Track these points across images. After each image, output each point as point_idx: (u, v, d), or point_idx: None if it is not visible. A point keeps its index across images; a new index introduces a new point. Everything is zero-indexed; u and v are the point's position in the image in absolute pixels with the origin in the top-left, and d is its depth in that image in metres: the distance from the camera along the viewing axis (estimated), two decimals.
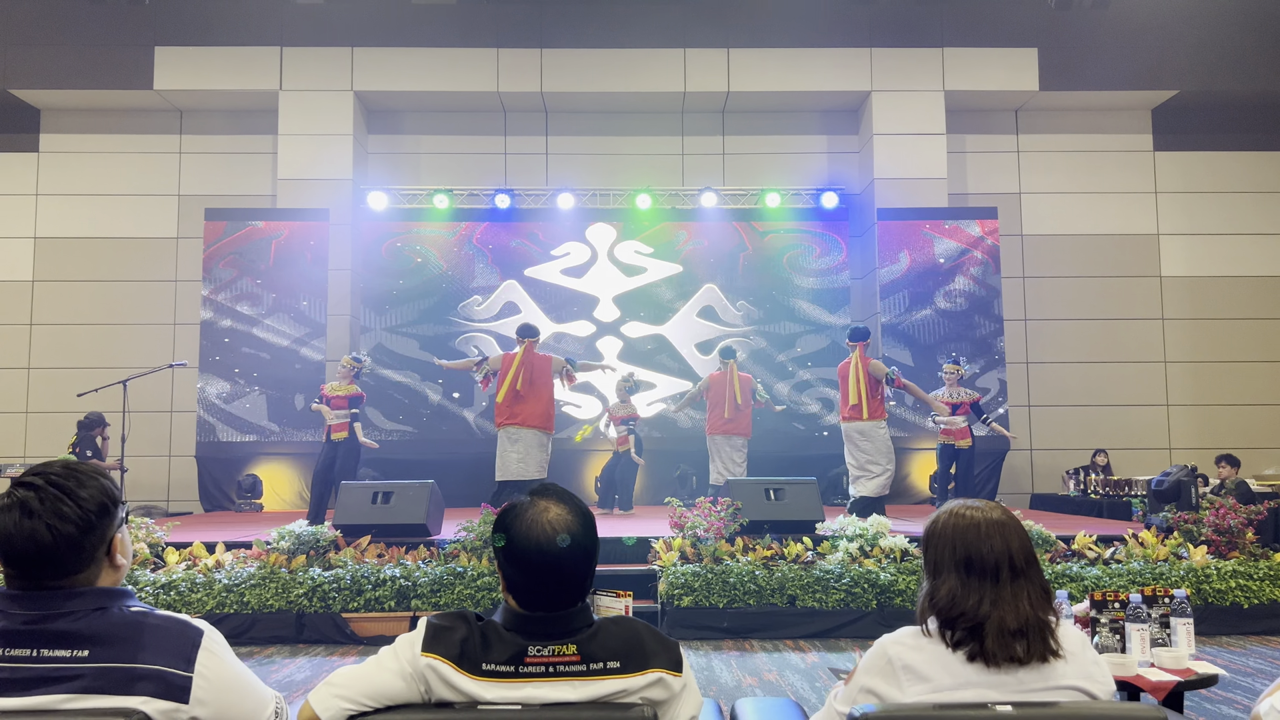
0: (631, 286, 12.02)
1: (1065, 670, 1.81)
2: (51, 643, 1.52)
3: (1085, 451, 11.74)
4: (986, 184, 12.55)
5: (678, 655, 1.71)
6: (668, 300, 12.01)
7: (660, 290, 12.02)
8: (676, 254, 12.02)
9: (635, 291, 12.01)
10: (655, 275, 12.03)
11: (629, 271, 12.03)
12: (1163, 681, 2.80)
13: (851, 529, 6.75)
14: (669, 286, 12.03)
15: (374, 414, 11.45)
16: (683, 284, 12.04)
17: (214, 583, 6.20)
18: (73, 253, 12.19)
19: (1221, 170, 12.63)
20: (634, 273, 12.02)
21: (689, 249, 12.06)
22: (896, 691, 1.80)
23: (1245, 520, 6.61)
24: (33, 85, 11.76)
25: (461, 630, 1.64)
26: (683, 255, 12.05)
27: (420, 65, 11.93)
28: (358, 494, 7.14)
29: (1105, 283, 12.42)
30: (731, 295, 12.04)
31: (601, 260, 12.04)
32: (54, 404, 11.79)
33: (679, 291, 12.03)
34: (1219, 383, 12.34)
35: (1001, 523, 1.88)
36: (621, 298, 12.01)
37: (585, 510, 1.74)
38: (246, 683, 1.65)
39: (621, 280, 12.03)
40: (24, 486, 1.58)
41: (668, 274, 12.02)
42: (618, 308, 12.00)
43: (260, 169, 12.34)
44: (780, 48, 11.98)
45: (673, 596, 6.21)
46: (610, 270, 12.03)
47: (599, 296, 11.99)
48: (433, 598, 6.18)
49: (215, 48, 11.80)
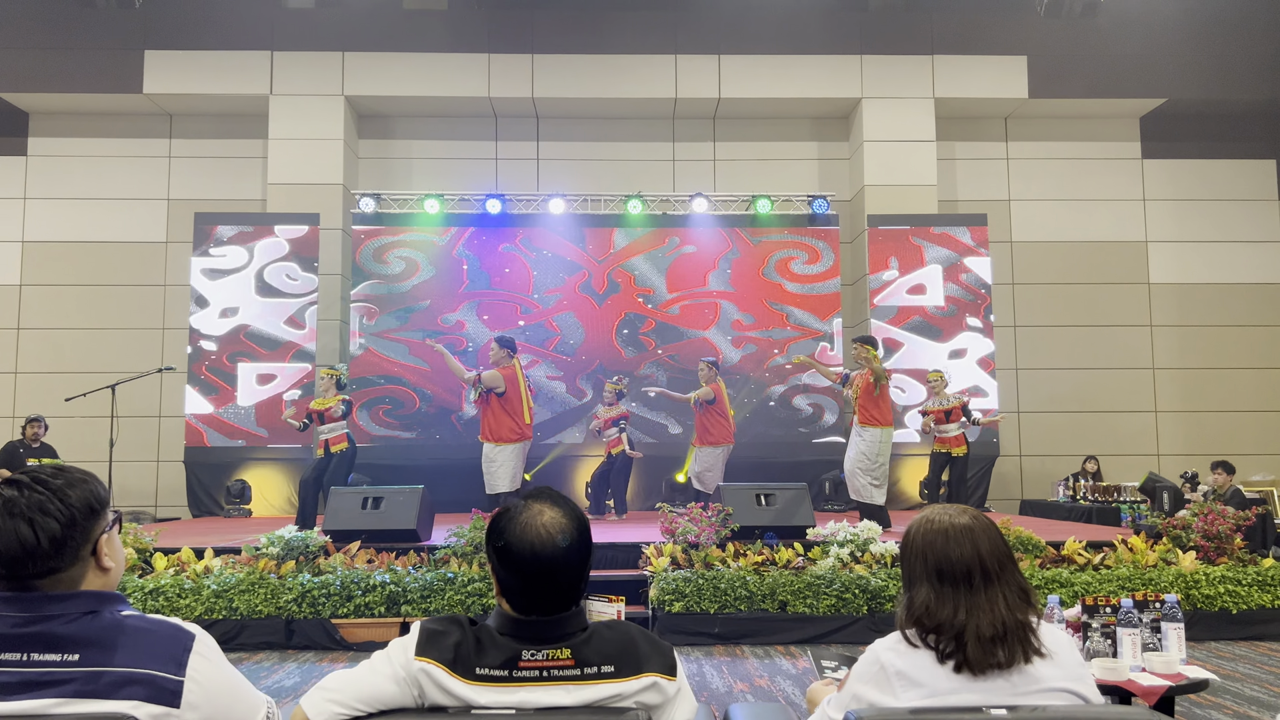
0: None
1: (1055, 672, 1.80)
2: (41, 646, 1.51)
3: (1074, 458, 11.77)
4: (976, 191, 12.61)
5: (672, 659, 1.70)
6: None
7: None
8: (666, 260, 12.02)
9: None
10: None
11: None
12: (1154, 686, 2.81)
13: (842, 534, 6.75)
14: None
15: (364, 419, 11.42)
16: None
17: (203, 588, 6.16)
18: (61, 257, 12.13)
19: (1209, 178, 12.71)
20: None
21: (679, 255, 12.06)
22: (890, 698, 1.79)
23: (1234, 526, 6.64)
24: (21, 89, 11.72)
25: (455, 634, 1.63)
26: (673, 262, 12.05)
27: (411, 70, 11.93)
28: (348, 499, 7.12)
29: (1094, 290, 12.48)
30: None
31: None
32: (42, 409, 11.66)
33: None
34: (1207, 389, 12.41)
35: (969, 528, 1.86)
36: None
37: (580, 514, 1.73)
38: (238, 687, 1.63)
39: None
40: (10, 485, 1.58)
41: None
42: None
43: (250, 173, 12.31)
44: (771, 54, 12.02)
45: (664, 602, 6.20)
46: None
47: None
48: (423, 603, 6.16)
49: (205, 51, 11.78)
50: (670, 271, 11.99)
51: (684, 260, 12.03)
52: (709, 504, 7.09)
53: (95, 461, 9.57)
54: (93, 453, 10.49)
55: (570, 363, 11.80)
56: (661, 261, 12.02)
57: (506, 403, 8.22)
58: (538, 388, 11.29)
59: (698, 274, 11.99)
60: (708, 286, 12.02)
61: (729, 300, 11.98)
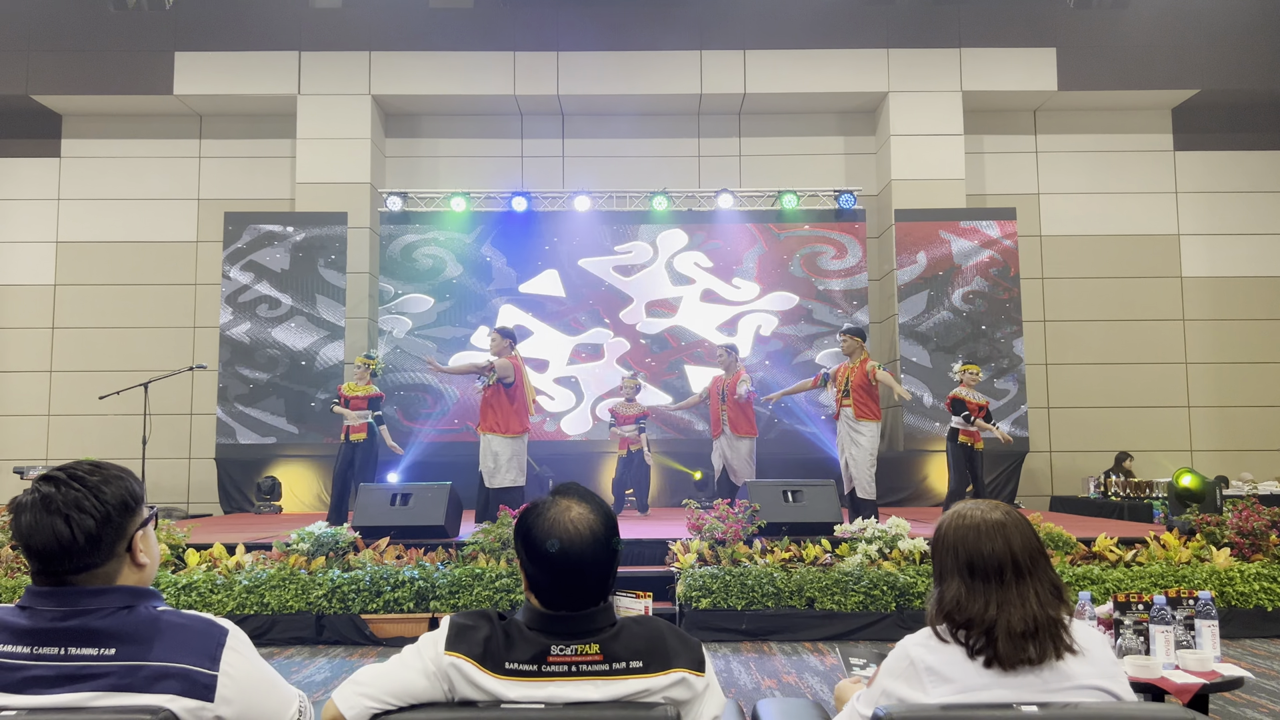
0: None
1: (1087, 669, 1.79)
2: (79, 640, 1.54)
3: (1104, 454, 11.66)
4: (1005, 184, 12.50)
5: (700, 655, 1.70)
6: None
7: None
8: (691, 257, 11.98)
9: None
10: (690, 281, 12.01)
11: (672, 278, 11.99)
12: (1187, 684, 2.78)
13: (870, 531, 6.72)
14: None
15: (393, 415, 11.48)
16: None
17: (234, 584, 6.23)
18: (94, 257, 12.30)
19: (1243, 170, 12.53)
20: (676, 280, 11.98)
21: (705, 251, 12.03)
22: (920, 694, 1.79)
23: (1269, 522, 6.54)
24: (54, 91, 11.89)
25: (485, 629, 1.65)
26: (698, 258, 12.02)
27: (437, 69, 11.99)
28: (377, 495, 7.17)
29: (1125, 284, 12.34)
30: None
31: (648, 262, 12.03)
32: (75, 407, 11.91)
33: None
34: (1241, 384, 12.23)
35: (1001, 523, 1.86)
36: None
37: (607, 509, 1.74)
38: (271, 681, 1.65)
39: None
40: (47, 481, 1.60)
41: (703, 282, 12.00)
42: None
43: (279, 173, 12.42)
44: (797, 49, 11.97)
45: (691, 598, 6.20)
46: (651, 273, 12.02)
47: (633, 297, 11.94)
48: (451, 599, 6.19)
49: (234, 53, 11.90)
50: (696, 267, 11.97)
51: (709, 256, 12.01)
52: (735, 500, 7.07)
53: (128, 458, 9.70)
54: (126, 450, 10.65)
55: (595, 359, 11.80)
56: (687, 258, 12.01)
57: (514, 394, 8.05)
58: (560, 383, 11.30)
59: (723, 270, 11.96)
60: (733, 282, 12.00)
61: (755, 296, 11.95)
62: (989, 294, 11.58)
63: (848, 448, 8.40)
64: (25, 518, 1.58)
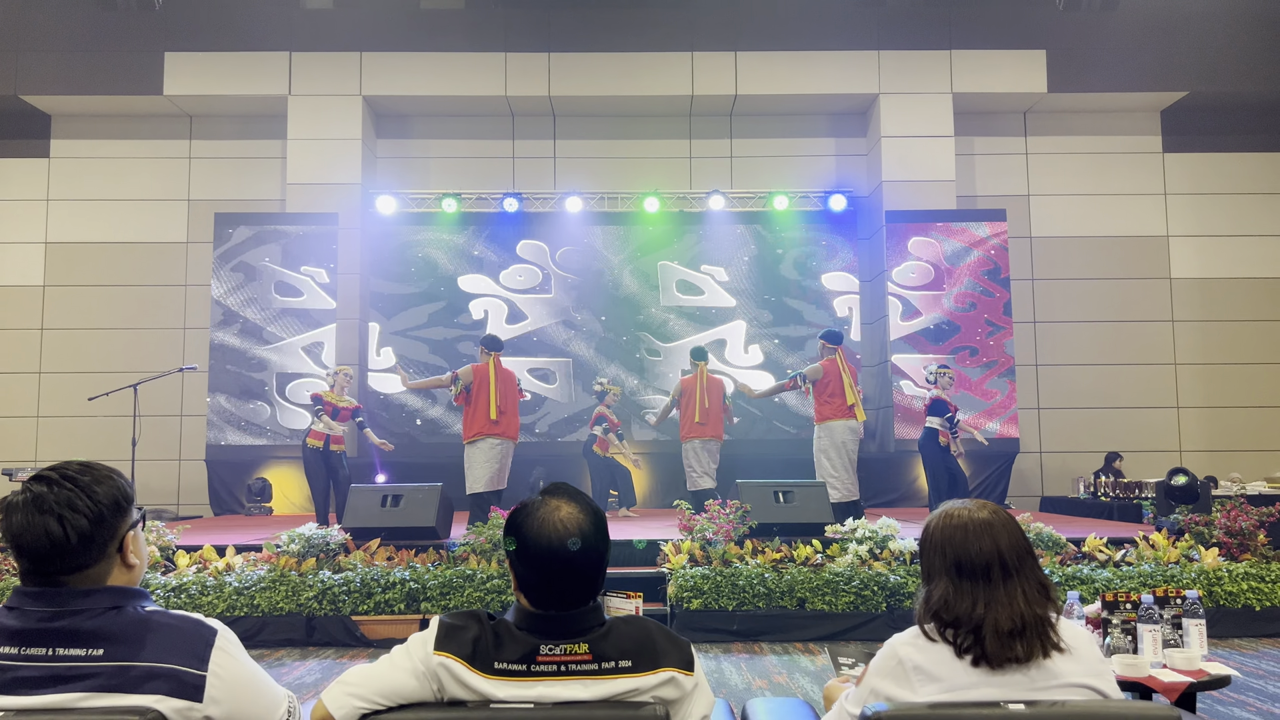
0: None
1: (1075, 668, 1.80)
2: (67, 641, 1.53)
3: (1094, 454, 11.70)
4: (995, 186, 12.53)
5: (689, 654, 1.71)
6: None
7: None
8: (683, 257, 12.00)
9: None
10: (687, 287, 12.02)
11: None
12: (1175, 682, 2.79)
13: (861, 531, 6.74)
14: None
15: (383, 417, 11.46)
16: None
17: (224, 586, 6.22)
18: (83, 258, 12.25)
19: (1232, 171, 12.59)
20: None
21: (696, 252, 12.05)
22: (908, 692, 1.80)
23: (1257, 522, 6.58)
24: (43, 91, 11.83)
25: (474, 629, 1.65)
26: (689, 259, 12.03)
27: (428, 70, 11.97)
28: (367, 497, 7.15)
29: (1114, 285, 12.39)
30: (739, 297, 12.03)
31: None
32: (65, 409, 11.85)
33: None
34: (1230, 385, 12.29)
35: (988, 523, 1.87)
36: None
37: (596, 509, 1.74)
38: (260, 681, 1.65)
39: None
40: (38, 481, 1.60)
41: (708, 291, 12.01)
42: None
43: (269, 173, 12.38)
44: (788, 51, 11.98)
45: (682, 599, 6.21)
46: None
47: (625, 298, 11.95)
48: (442, 600, 6.19)
49: (225, 53, 11.86)
50: (687, 269, 11.98)
51: (701, 257, 12.02)
52: (726, 500, 7.08)
53: (118, 460, 9.65)
54: (115, 451, 10.61)
55: (586, 360, 11.81)
56: (678, 258, 12.02)
57: (474, 398, 7.97)
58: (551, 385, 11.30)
59: (715, 271, 11.98)
60: (725, 283, 12.01)
61: (746, 297, 11.96)
62: (979, 295, 11.61)
63: (829, 452, 8.33)
64: (16, 518, 1.57)
